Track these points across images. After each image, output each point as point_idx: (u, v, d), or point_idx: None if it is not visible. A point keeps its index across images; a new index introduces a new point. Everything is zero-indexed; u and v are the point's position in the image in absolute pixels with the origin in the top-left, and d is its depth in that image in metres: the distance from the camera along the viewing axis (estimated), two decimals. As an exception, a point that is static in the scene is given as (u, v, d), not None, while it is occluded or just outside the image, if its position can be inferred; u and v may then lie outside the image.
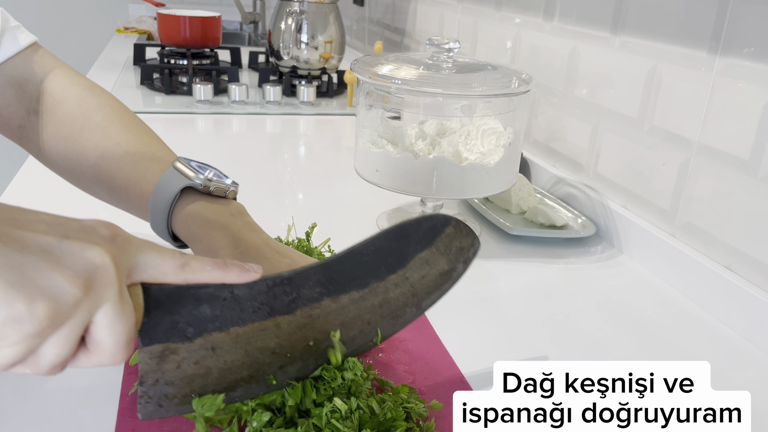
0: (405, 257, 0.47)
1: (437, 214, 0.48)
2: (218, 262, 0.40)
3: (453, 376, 0.53)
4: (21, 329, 0.31)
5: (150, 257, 0.37)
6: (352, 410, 0.43)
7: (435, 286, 0.49)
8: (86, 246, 0.33)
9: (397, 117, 0.86)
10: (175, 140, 1.16)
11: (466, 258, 0.50)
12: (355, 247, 0.45)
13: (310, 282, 0.44)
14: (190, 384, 0.41)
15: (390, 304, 0.47)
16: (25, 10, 2.77)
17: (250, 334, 0.42)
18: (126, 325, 0.35)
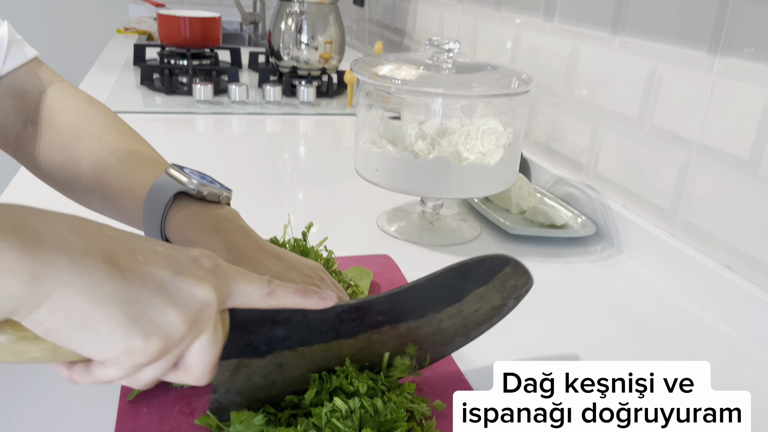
0: (463, 293, 0.50)
1: (499, 255, 0.50)
2: (299, 289, 0.43)
3: (454, 375, 0.53)
4: (134, 360, 0.34)
5: (243, 287, 0.40)
6: (353, 409, 0.43)
7: (485, 318, 0.52)
8: (196, 283, 0.36)
9: (397, 117, 0.86)
10: (176, 140, 1.17)
11: (518, 295, 0.53)
12: (420, 282, 0.48)
13: (375, 311, 0.47)
14: (255, 394, 0.45)
15: (442, 333, 0.50)
16: (25, 11, 2.78)
17: (315, 353, 0.45)
18: (216, 352, 0.38)
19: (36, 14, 2.80)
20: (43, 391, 0.48)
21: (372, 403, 0.44)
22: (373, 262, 0.71)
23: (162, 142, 1.13)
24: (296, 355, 0.45)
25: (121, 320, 0.33)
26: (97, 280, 0.32)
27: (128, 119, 1.33)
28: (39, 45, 0.80)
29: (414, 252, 0.77)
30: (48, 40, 2.83)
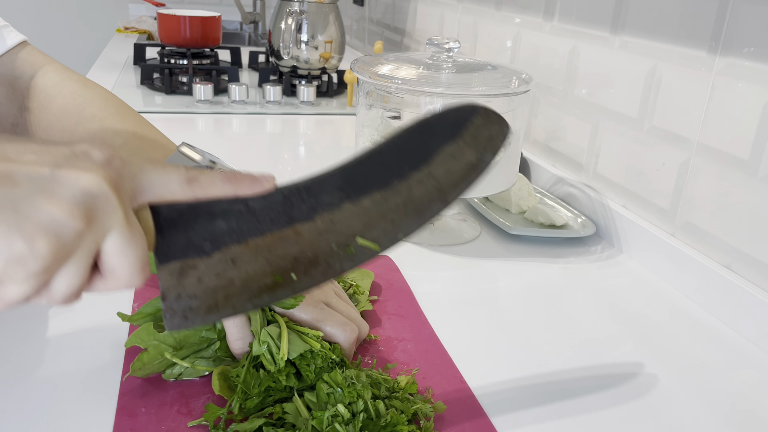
0: (429, 153, 0.44)
1: (464, 104, 0.45)
2: (228, 174, 0.39)
3: (452, 376, 0.53)
4: (25, 268, 0.30)
5: (153, 176, 0.36)
6: (355, 413, 0.43)
7: (461, 178, 0.46)
8: (80, 173, 0.32)
9: (397, 117, 0.86)
10: (176, 140, 1.16)
11: (496, 147, 0.47)
12: (375, 148, 0.43)
13: (328, 187, 0.43)
14: (213, 295, 0.41)
15: (414, 201, 0.45)
16: (25, 10, 2.78)
17: (270, 244, 0.42)
18: (138, 250, 0.34)
19: (36, 14, 2.80)
20: (40, 390, 0.48)
21: (374, 405, 0.44)
22: (373, 262, 0.71)
23: (162, 141, 1.13)
24: (249, 248, 0.41)
25: None
26: None
27: (128, 119, 1.31)
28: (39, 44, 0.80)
29: (414, 252, 0.77)
30: (48, 40, 2.83)
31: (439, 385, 0.52)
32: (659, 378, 0.57)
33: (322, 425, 0.42)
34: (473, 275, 0.73)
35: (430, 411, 0.47)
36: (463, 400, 0.50)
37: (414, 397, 0.48)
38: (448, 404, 0.49)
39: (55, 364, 0.51)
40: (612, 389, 0.54)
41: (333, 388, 0.44)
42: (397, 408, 0.45)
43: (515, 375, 0.55)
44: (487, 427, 0.48)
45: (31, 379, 0.49)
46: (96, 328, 0.56)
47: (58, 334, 0.55)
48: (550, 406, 0.52)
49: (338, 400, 0.43)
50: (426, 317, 0.62)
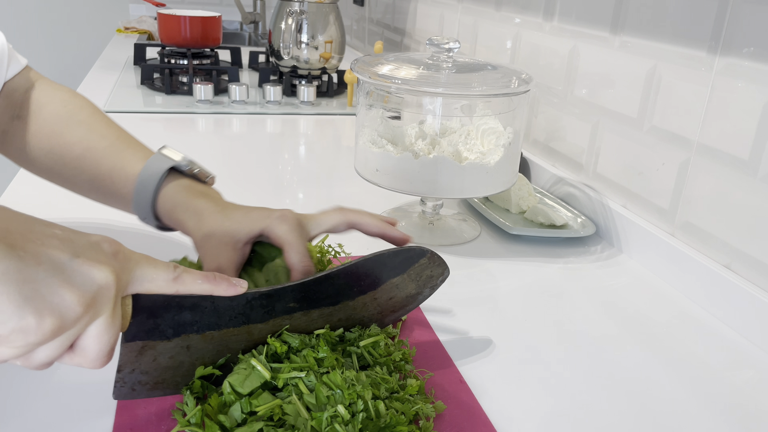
0: (378, 282, 0.52)
1: (415, 247, 0.52)
2: (208, 275, 0.43)
3: (452, 376, 0.53)
4: (26, 338, 0.34)
5: (146, 272, 0.40)
6: (355, 413, 0.43)
7: (400, 305, 0.55)
8: (94, 266, 0.36)
9: (397, 117, 0.86)
10: (176, 140, 1.17)
11: (434, 284, 0.55)
12: (333, 272, 0.49)
13: (286, 298, 0.48)
14: (162, 374, 0.46)
15: (355, 318, 0.52)
16: (25, 10, 2.78)
17: (224, 337, 0.47)
18: (112, 337, 0.38)
19: (37, 14, 2.80)
20: (40, 390, 0.48)
21: (374, 405, 0.44)
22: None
23: (162, 141, 1.13)
24: (204, 339, 0.46)
25: (13, 298, 0.33)
26: None
27: (128, 119, 1.33)
28: (39, 44, 0.80)
29: (414, 252, 0.77)
30: (48, 40, 2.83)
31: (439, 386, 0.52)
32: (659, 378, 0.57)
33: (322, 426, 0.42)
34: (473, 275, 0.73)
35: (431, 411, 0.47)
36: (462, 400, 0.50)
37: (414, 398, 0.48)
38: (447, 404, 0.49)
39: (55, 364, 0.51)
40: (612, 389, 0.54)
41: (333, 389, 0.44)
42: (397, 409, 0.45)
43: (515, 375, 0.55)
44: (486, 426, 0.48)
45: (31, 379, 0.49)
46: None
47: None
48: (550, 406, 0.52)
49: (338, 401, 0.43)
50: (426, 318, 0.62)
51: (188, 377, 0.47)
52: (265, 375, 0.45)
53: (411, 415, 0.46)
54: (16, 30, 2.78)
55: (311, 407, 0.44)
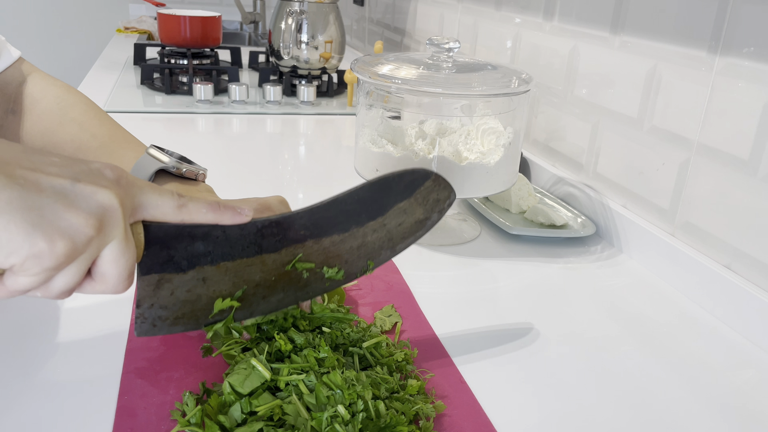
0: (385, 206, 0.51)
1: (419, 168, 0.51)
2: (213, 204, 0.44)
3: (452, 375, 0.53)
4: (41, 263, 0.35)
5: (151, 198, 0.41)
6: (355, 413, 0.43)
7: (410, 232, 0.54)
8: (97, 189, 0.37)
9: (397, 117, 0.86)
10: (176, 140, 1.17)
11: (441, 208, 0.54)
12: (339, 196, 0.49)
13: (296, 225, 0.48)
14: (181, 308, 0.46)
15: (367, 246, 0.52)
16: (25, 10, 2.78)
17: (238, 268, 0.47)
18: (128, 260, 0.39)
19: (36, 14, 2.80)
20: (40, 390, 0.48)
21: (374, 406, 0.44)
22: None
23: (162, 141, 1.13)
24: (219, 270, 0.46)
25: (21, 226, 0.33)
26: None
27: (128, 119, 1.33)
28: (39, 44, 0.80)
29: (414, 252, 0.77)
30: (48, 40, 2.83)
31: (439, 386, 0.52)
32: (659, 378, 0.57)
33: (322, 426, 0.42)
34: (473, 275, 0.73)
35: (431, 411, 0.47)
36: (462, 400, 0.50)
37: (415, 398, 0.48)
38: (447, 404, 0.49)
39: (54, 364, 0.51)
40: (612, 389, 0.54)
41: (333, 389, 0.44)
42: (397, 410, 0.45)
43: (514, 375, 0.55)
44: (486, 426, 0.48)
45: (31, 379, 0.49)
46: (96, 328, 0.56)
47: (58, 334, 0.55)
48: (550, 406, 0.52)
49: (338, 401, 0.43)
50: (426, 318, 0.62)
51: (207, 311, 0.48)
52: (266, 375, 0.45)
53: (411, 415, 0.46)
54: (16, 30, 2.78)
55: (311, 407, 0.44)
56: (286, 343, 0.48)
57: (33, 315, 0.57)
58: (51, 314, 0.58)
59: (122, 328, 0.56)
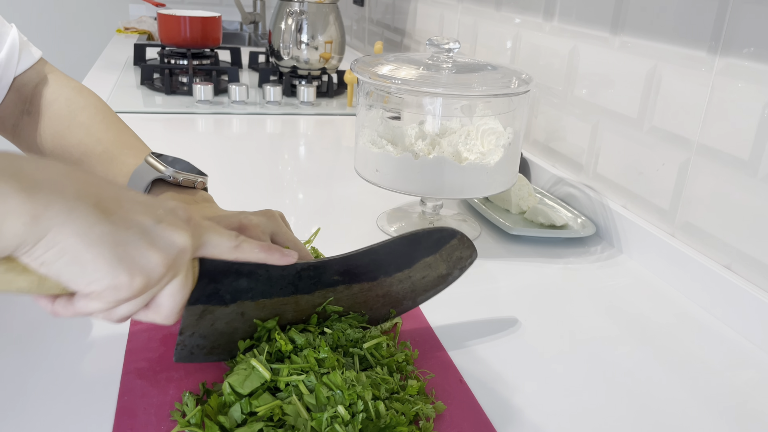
0: (413, 260, 0.55)
1: (447, 228, 0.55)
2: (264, 245, 0.47)
3: (451, 376, 0.53)
4: (117, 295, 0.38)
5: (213, 238, 0.44)
6: (355, 413, 0.43)
7: (432, 285, 0.57)
8: (174, 231, 0.40)
9: (397, 117, 0.86)
10: (176, 140, 1.17)
11: (463, 266, 0.58)
12: (373, 247, 0.52)
13: (331, 270, 0.52)
14: (218, 339, 0.50)
15: (391, 296, 0.56)
16: (26, 11, 2.78)
17: (274, 305, 0.50)
18: (185, 295, 0.42)
19: (37, 14, 2.80)
20: (40, 390, 0.48)
21: (374, 406, 0.44)
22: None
23: (162, 142, 1.13)
24: (257, 306, 0.50)
25: (108, 259, 0.36)
26: (87, 222, 0.36)
27: (128, 119, 1.33)
28: (39, 44, 0.81)
29: (414, 252, 0.77)
30: (48, 40, 2.83)
31: (439, 386, 0.52)
32: (659, 378, 0.57)
33: (321, 426, 0.42)
34: (473, 275, 0.73)
35: (431, 412, 0.47)
36: (462, 400, 0.50)
37: (415, 398, 0.48)
38: (447, 404, 0.49)
39: (55, 365, 0.51)
40: (612, 389, 0.54)
41: (333, 390, 0.44)
42: (397, 410, 0.45)
43: (514, 375, 0.55)
44: (486, 426, 0.48)
45: (31, 380, 0.49)
46: (96, 329, 0.56)
47: (58, 334, 0.55)
48: (550, 407, 0.52)
49: (338, 401, 0.43)
50: (426, 318, 0.62)
51: (237, 343, 0.50)
52: (265, 375, 0.45)
53: (411, 415, 0.46)
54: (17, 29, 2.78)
55: (311, 408, 0.44)
56: (286, 343, 0.48)
57: (33, 316, 0.57)
58: (52, 319, 0.58)
59: (122, 330, 0.56)
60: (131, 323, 0.57)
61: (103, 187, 0.39)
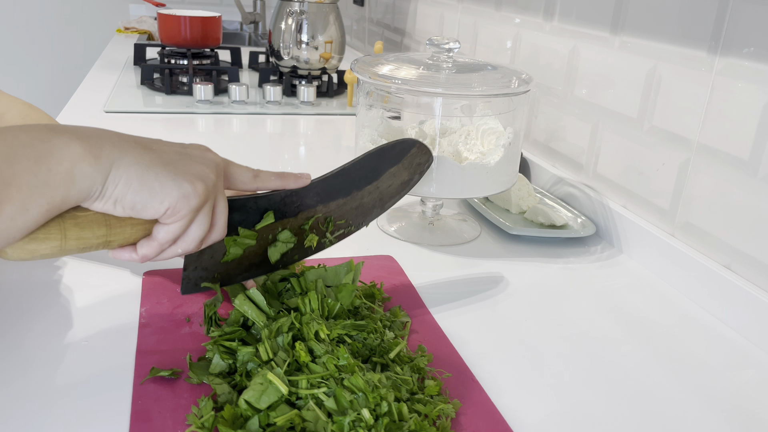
0: (380, 172, 0.61)
1: (407, 138, 0.62)
2: (278, 174, 0.54)
3: (463, 375, 0.53)
4: (188, 203, 0.44)
5: (235, 169, 0.51)
6: (379, 416, 0.43)
7: (397, 192, 0.64)
8: (205, 151, 0.48)
9: (397, 117, 0.86)
10: (176, 140, 1.16)
11: (422, 170, 0.65)
12: (345, 167, 0.59)
13: (312, 193, 0.57)
14: (217, 269, 0.56)
15: (363, 207, 0.62)
16: (26, 11, 2.77)
17: (264, 231, 0.56)
18: (227, 213, 0.49)
19: (36, 14, 2.80)
20: (55, 395, 0.48)
21: (397, 408, 0.43)
22: (377, 263, 0.71)
23: (162, 141, 1.13)
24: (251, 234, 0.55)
25: (168, 175, 0.42)
26: (138, 152, 0.42)
27: (128, 119, 1.33)
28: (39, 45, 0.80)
29: (414, 252, 0.77)
30: (48, 40, 2.83)
31: (453, 386, 0.52)
32: (659, 378, 0.57)
33: (344, 430, 0.41)
34: (473, 275, 0.73)
35: (452, 411, 0.47)
36: (476, 398, 0.50)
37: (434, 399, 0.48)
38: (461, 403, 0.49)
39: (67, 370, 0.51)
40: (612, 389, 0.54)
41: (355, 393, 0.44)
42: (420, 412, 0.45)
43: (514, 375, 0.55)
44: (502, 425, 0.47)
45: (44, 385, 0.49)
46: (107, 334, 0.56)
47: (69, 339, 0.55)
48: (550, 407, 0.52)
49: (362, 405, 0.43)
50: (434, 318, 0.62)
51: (238, 269, 0.57)
52: (282, 390, 0.44)
53: (434, 416, 0.45)
54: (16, 30, 2.78)
55: (332, 412, 0.43)
56: (305, 353, 0.47)
57: (46, 319, 0.57)
58: (63, 319, 0.58)
59: (133, 332, 0.56)
60: (139, 326, 0.57)
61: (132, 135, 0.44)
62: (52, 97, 2.78)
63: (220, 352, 0.49)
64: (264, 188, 0.53)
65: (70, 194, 0.39)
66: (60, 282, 0.63)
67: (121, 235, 0.44)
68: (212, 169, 0.46)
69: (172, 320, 0.57)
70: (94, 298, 0.61)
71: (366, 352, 0.51)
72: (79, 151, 0.39)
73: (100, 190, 0.40)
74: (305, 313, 0.52)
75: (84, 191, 0.40)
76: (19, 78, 2.82)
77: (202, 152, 0.47)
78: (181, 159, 0.44)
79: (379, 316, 0.57)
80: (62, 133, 0.39)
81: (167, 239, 0.45)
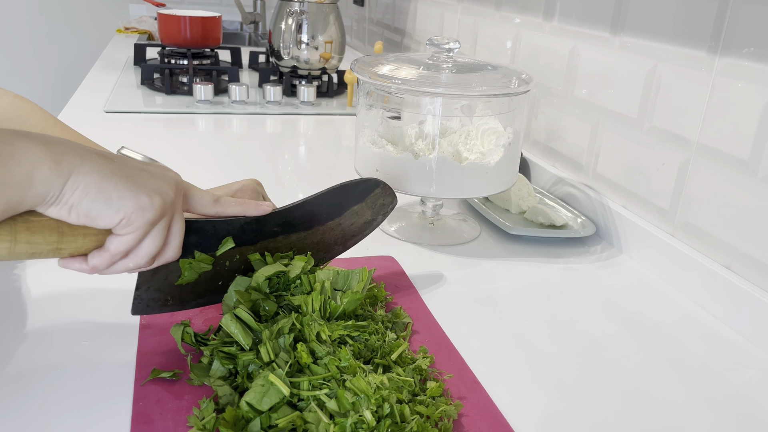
0: (342, 209, 0.61)
1: (371, 178, 0.62)
2: (239, 200, 0.54)
3: (465, 376, 0.53)
4: (144, 216, 0.43)
5: (194, 191, 0.50)
6: (381, 417, 0.43)
7: (359, 231, 0.63)
8: (165, 169, 0.48)
9: (397, 117, 0.86)
10: (176, 140, 1.17)
11: (385, 212, 0.64)
12: (308, 199, 0.58)
13: (271, 223, 0.56)
14: (170, 291, 0.54)
15: (324, 242, 0.61)
16: (26, 10, 2.78)
17: (221, 257, 0.55)
18: (183, 234, 0.48)
19: (37, 14, 2.80)
20: (56, 396, 0.48)
21: (399, 409, 0.43)
22: (378, 264, 0.71)
23: (162, 142, 1.13)
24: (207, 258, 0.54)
25: (126, 186, 0.42)
26: (99, 162, 0.42)
27: (128, 119, 1.33)
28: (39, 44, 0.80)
29: (414, 252, 0.77)
30: (49, 40, 2.83)
31: (455, 387, 0.52)
32: (659, 378, 0.57)
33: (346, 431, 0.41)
34: (473, 275, 0.73)
35: (454, 412, 0.47)
36: (478, 400, 0.50)
37: (437, 400, 0.48)
38: (463, 404, 0.49)
39: (68, 371, 0.51)
40: (611, 389, 0.54)
41: (357, 394, 0.43)
42: (422, 413, 0.45)
43: (515, 375, 0.55)
44: (503, 426, 0.47)
45: (45, 387, 0.49)
46: (109, 335, 0.56)
47: (70, 340, 0.55)
48: (550, 406, 0.52)
49: (364, 406, 0.43)
50: (435, 319, 0.62)
51: (192, 294, 0.55)
52: (284, 392, 0.44)
53: (437, 417, 0.45)
54: (16, 30, 2.78)
55: (334, 414, 0.43)
56: (307, 355, 0.47)
57: (47, 323, 0.57)
58: (64, 319, 0.58)
59: (133, 334, 0.56)
60: (140, 328, 0.57)
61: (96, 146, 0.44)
62: (53, 97, 2.78)
63: (219, 358, 0.49)
64: (224, 214, 0.52)
65: (27, 196, 0.39)
66: (60, 282, 0.63)
67: (72, 243, 0.44)
68: (171, 186, 0.46)
69: (173, 321, 0.57)
70: (95, 299, 0.61)
71: (368, 353, 0.51)
72: (41, 156, 0.39)
73: (57, 195, 0.40)
74: (306, 313, 0.52)
75: (40, 195, 0.39)
76: (20, 78, 2.82)
77: (163, 170, 0.47)
78: (141, 173, 0.44)
79: (381, 317, 0.57)
80: (25, 138, 0.39)
81: (119, 251, 0.45)
